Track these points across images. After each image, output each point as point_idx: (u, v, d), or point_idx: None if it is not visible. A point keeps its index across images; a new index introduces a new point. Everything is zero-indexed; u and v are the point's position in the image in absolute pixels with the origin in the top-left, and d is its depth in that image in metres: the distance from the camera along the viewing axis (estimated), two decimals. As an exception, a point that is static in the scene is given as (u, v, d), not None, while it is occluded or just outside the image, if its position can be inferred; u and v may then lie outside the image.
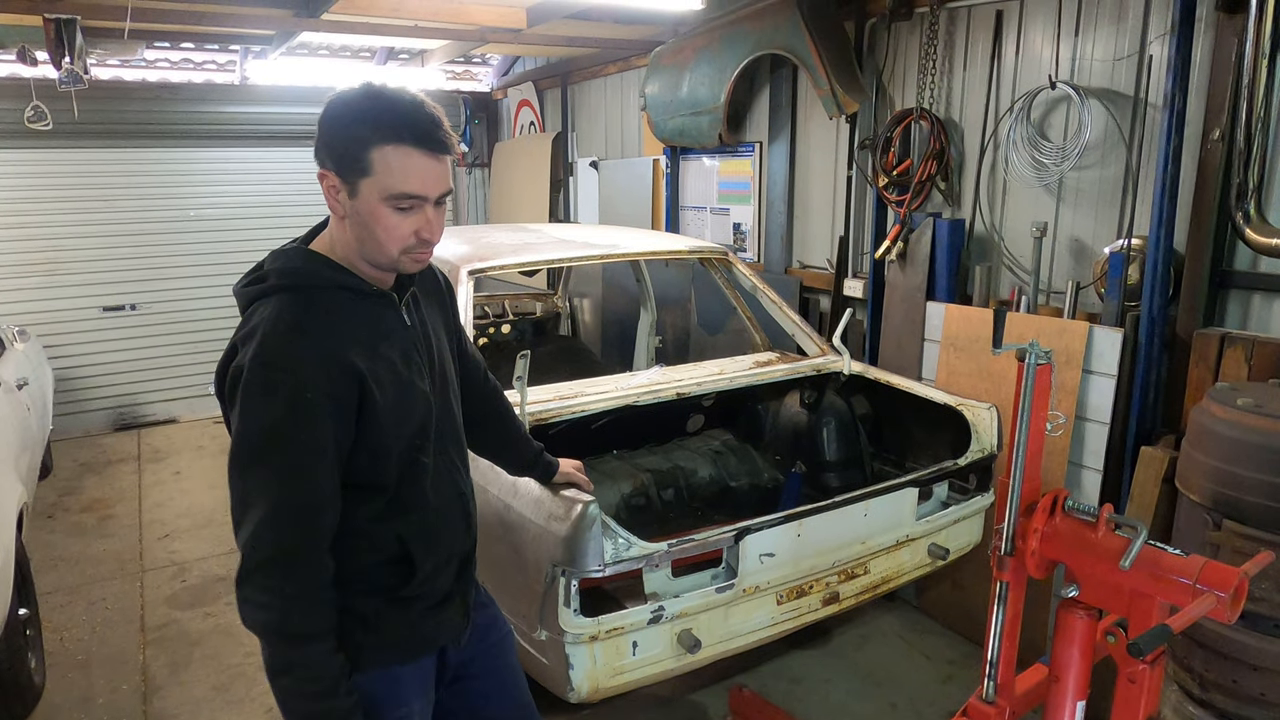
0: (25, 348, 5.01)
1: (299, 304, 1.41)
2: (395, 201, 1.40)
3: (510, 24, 5.01)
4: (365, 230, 1.43)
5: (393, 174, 1.38)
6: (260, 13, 4.78)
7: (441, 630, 1.66)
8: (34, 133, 5.59)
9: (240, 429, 1.37)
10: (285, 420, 1.34)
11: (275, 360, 1.36)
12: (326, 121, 1.41)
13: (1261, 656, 2.21)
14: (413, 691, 1.63)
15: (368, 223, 1.41)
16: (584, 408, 2.98)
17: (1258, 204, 2.62)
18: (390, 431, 1.46)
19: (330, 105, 1.41)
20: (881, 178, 3.82)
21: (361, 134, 1.37)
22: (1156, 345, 2.93)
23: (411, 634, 1.60)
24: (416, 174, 1.39)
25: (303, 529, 1.37)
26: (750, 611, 2.52)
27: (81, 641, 3.61)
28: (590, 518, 2.18)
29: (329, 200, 1.44)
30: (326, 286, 1.45)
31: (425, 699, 1.68)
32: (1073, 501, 1.83)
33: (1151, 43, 2.95)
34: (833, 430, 3.49)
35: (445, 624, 1.66)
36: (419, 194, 1.41)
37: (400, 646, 1.59)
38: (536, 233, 4.01)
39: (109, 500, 5.20)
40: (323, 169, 1.42)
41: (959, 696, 3.08)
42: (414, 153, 1.38)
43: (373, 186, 1.39)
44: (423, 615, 1.60)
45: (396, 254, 1.44)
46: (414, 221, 1.43)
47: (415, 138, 1.38)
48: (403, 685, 1.62)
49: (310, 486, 1.37)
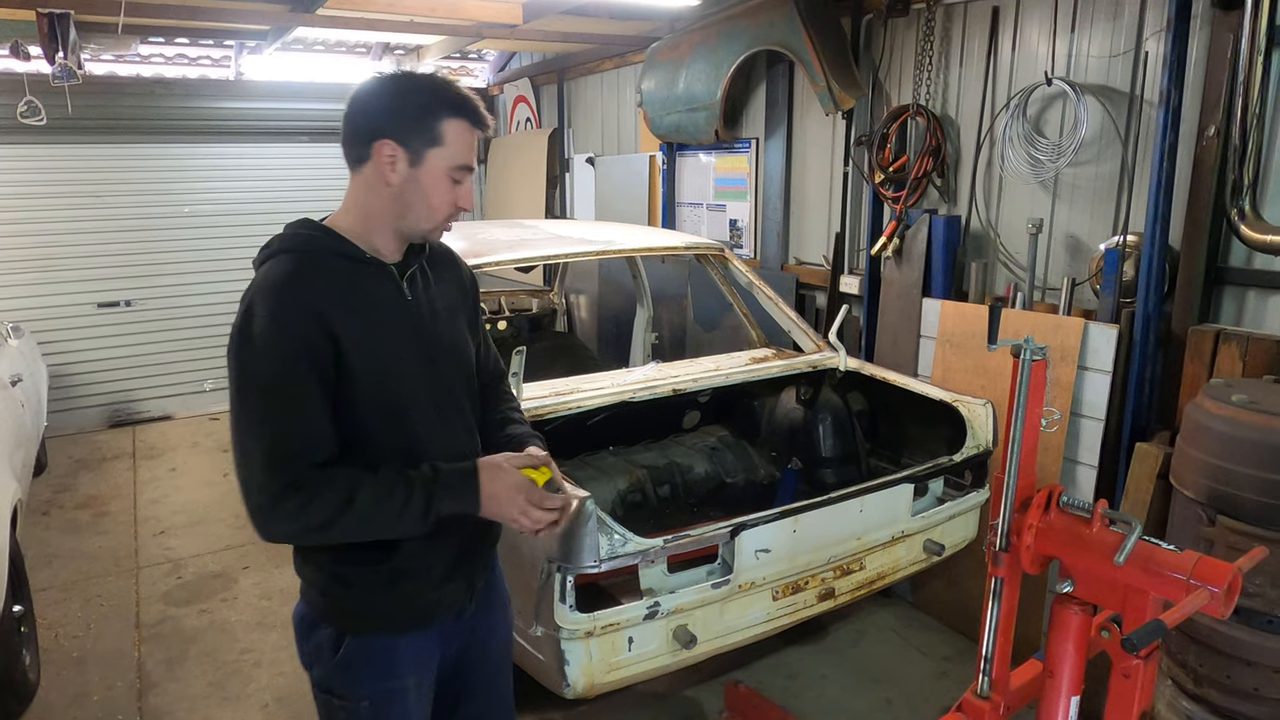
0: (19, 344, 4.99)
1: (292, 264, 1.50)
2: (455, 173, 1.52)
3: (506, 20, 5.00)
4: (418, 198, 1.52)
5: (460, 146, 1.51)
6: (255, 7, 4.76)
7: (440, 607, 1.67)
8: (27, 128, 5.56)
9: (235, 371, 1.44)
10: (271, 360, 1.42)
11: (259, 308, 1.43)
12: (390, 95, 1.51)
13: (1255, 652, 2.22)
14: (409, 665, 1.65)
15: (426, 191, 1.51)
16: (580, 404, 2.97)
17: (1253, 200, 2.62)
18: (367, 392, 1.50)
19: (392, 81, 1.52)
20: (878, 174, 3.82)
21: (434, 107, 1.49)
22: (1151, 341, 2.94)
23: (406, 606, 1.62)
24: (472, 148, 1.54)
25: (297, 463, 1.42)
26: (746, 607, 2.52)
27: (76, 638, 3.60)
28: (586, 514, 2.18)
29: (382, 170, 1.51)
30: (322, 252, 1.53)
31: (426, 670, 1.69)
32: (1068, 497, 1.83)
33: (1147, 39, 2.95)
34: (828, 426, 3.50)
35: (445, 601, 1.67)
36: (472, 166, 1.55)
37: (393, 618, 1.62)
38: (533, 229, 4.00)
39: (104, 497, 5.18)
40: (381, 140, 1.49)
41: (954, 692, 3.09)
42: (472, 129, 1.52)
43: (440, 156, 1.50)
44: (419, 589, 1.62)
45: (440, 221, 1.56)
46: (460, 192, 1.55)
47: (475, 115, 1.52)
48: (398, 656, 1.63)
49: (298, 423, 1.43)
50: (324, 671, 1.63)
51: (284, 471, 1.40)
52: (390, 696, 1.64)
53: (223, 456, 5.90)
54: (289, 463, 1.41)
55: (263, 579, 4.10)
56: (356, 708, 1.62)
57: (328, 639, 1.61)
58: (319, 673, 1.65)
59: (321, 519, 1.43)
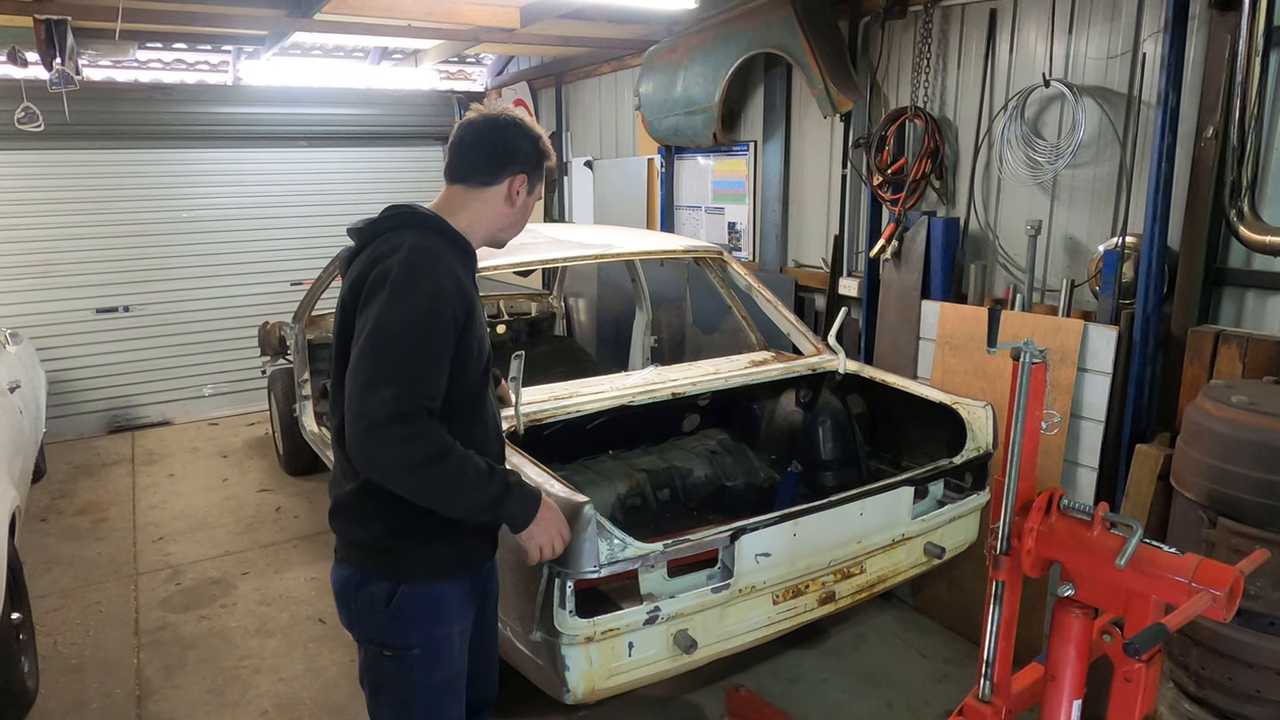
0: (18, 350, 4.98)
1: (434, 239, 1.74)
2: (537, 196, 1.91)
3: (504, 23, 5.00)
4: (521, 218, 1.91)
5: (545, 177, 1.93)
6: (253, 13, 4.76)
7: (478, 555, 1.90)
8: (25, 134, 5.55)
9: (384, 313, 1.62)
10: (425, 313, 1.63)
11: (422, 266, 1.66)
12: (528, 139, 1.85)
13: (1257, 654, 2.21)
14: (455, 611, 1.85)
15: (526, 212, 1.91)
16: (579, 408, 2.97)
17: (1251, 201, 2.62)
18: (472, 351, 1.75)
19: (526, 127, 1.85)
20: (876, 176, 3.81)
21: (546, 154, 1.89)
22: (1151, 343, 2.93)
23: (454, 554, 1.83)
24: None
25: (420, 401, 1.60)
26: (746, 611, 2.52)
27: (75, 645, 3.59)
28: (586, 518, 2.17)
29: (510, 195, 1.85)
30: (445, 235, 1.79)
31: (466, 619, 1.89)
32: (1068, 500, 1.83)
33: (1145, 40, 2.95)
34: (828, 429, 3.49)
35: (481, 550, 1.91)
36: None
37: (444, 565, 1.82)
38: (531, 232, 4.00)
39: (103, 503, 5.17)
40: (519, 173, 1.84)
41: (955, 695, 3.09)
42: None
43: (539, 187, 1.92)
44: (468, 537, 1.83)
45: (509, 233, 1.92)
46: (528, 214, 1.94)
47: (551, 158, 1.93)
48: (445, 604, 1.83)
49: (432, 371, 1.63)
50: (375, 624, 1.81)
51: (409, 402, 1.57)
52: (438, 643, 1.82)
53: (222, 462, 5.90)
54: (416, 399, 1.58)
55: (262, 585, 4.09)
56: (407, 655, 1.80)
57: (380, 593, 1.78)
58: (370, 627, 1.82)
59: (420, 457, 1.59)
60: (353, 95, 7.07)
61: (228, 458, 5.98)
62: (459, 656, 1.88)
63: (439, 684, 1.85)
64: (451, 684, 1.88)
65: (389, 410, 1.55)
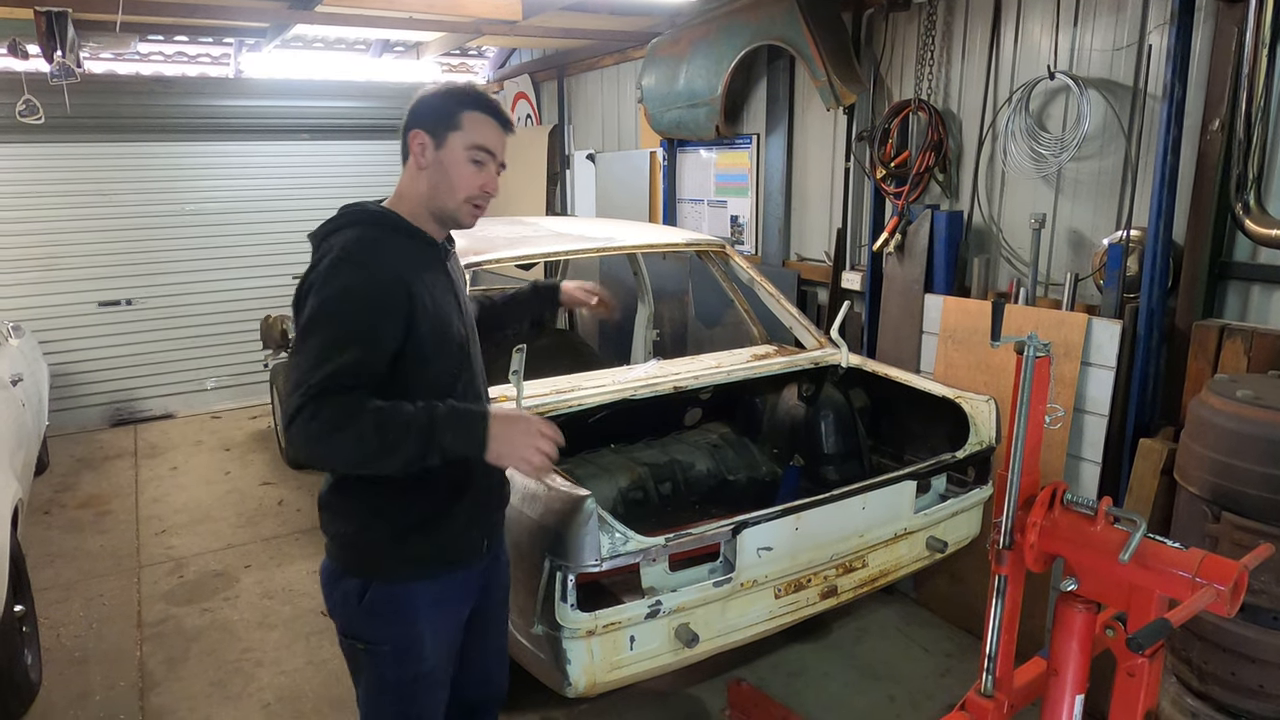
0: (20, 343, 4.99)
1: (369, 234, 1.72)
2: (473, 153, 1.75)
3: (506, 16, 4.98)
4: (442, 178, 1.75)
5: (476, 130, 1.75)
6: (254, 5, 4.74)
7: (461, 553, 1.86)
8: (26, 127, 5.55)
9: (310, 304, 1.62)
10: (346, 298, 1.61)
11: (349, 257, 1.64)
12: (424, 98, 1.78)
13: (1260, 649, 2.21)
14: (427, 611, 1.81)
15: (448, 170, 1.75)
16: (581, 401, 2.96)
17: (1257, 195, 2.60)
18: (431, 341, 1.71)
19: (427, 89, 1.80)
20: (879, 169, 3.80)
21: (456, 101, 1.76)
22: (1155, 337, 2.92)
23: (435, 550, 1.81)
24: (492, 136, 1.78)
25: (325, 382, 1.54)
26: (748, 605, 2.51)
27: (78, 638, 3.60)
28: (587, 512, 2.17)
29: (415, 156, 1.76)
30: (387, 226, 1.76)
31: (448, 617, 1.87)
32: (1071, 495, 1.82)
33: (1151, 33, 2.93)
34: (831, 423, 3.49)
35: (465, 548, 1.86)
36: (491, 149, 1.77)
37: (423, 562, 1.80)
38: (533, 226, 3.99)
39: (105, 496, 5.18)
40: (414, 130, 1.76)
41: (957, 689, 3.08)
42: (492, 121, 1.78)
43: (459, 138, 1.74)
44: (443, 535, 1.81)
45: (462, 200, 1.76)
46: (482, 176, 1.77)
47: (494, 111, 1.79)
48: (417, 602, 1.80)
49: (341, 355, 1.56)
50: (349, 619, 1.82)
51: (315, 388, 1.53)
52: (410, 641, 1.81)
53: (225, 455, 5.90)
54: (323, 382, 1.54)
55: (264, 578, 4.09)
56: (379, 650, 1.81)
57: (354, 589, 1.78)
58: (344, 620, 1.83)
59: (324, 429, 1.53)
60: (354, 88, 7.06)
61: (230, 451, 5.99)
62: (434, 653, 1.85)
63: (409, 680, 1.84)
64: (423, 680, 1.86)
65: (296, 404, 1.54)
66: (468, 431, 1.61)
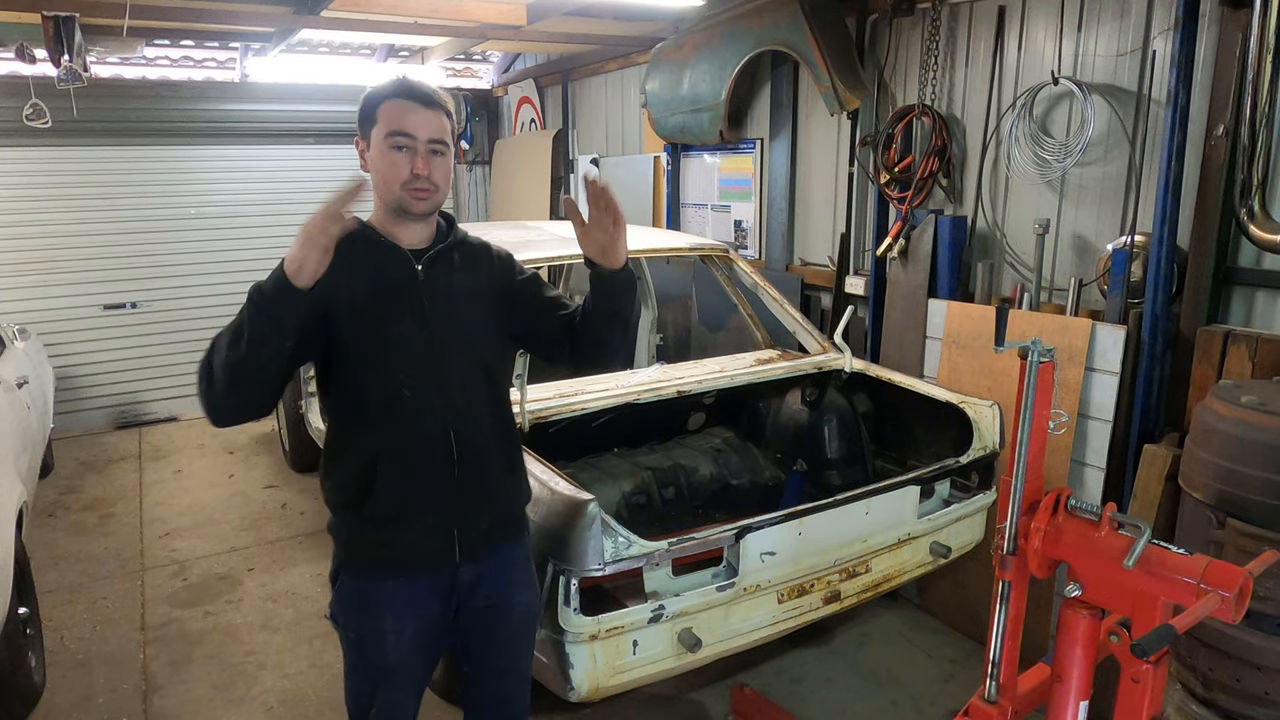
0: (26, 346, 5.00)
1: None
2: (392, 140, 1.72)
3: (510, 21, 5.00)
4: (378, 175, 1.75)
5: (390, 118, 1.73)
6: (260, 9, 4.77)
7: (417, 557, 1.84)
8: (33, 131, 5.58)
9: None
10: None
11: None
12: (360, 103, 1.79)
13: (1265, 655, 2.20)
14: (387, 610, 1.84)
15: (378, 165, 1.74)
16: (584, 406, 2.97)
17: (1262, 200, 2.60)
18: (357, 347, 1.75)
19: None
20: (883, 174, 3.80)
21: (373, 98, 1.77)
22: (1159, 342, 2.92)
23: (382, 553, 1.82)
24: (408, 118, 1.73)
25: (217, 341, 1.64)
26: (751, 610, 2.51)
27: (82, 640, 3.61)
28: (590, 516, 2.17)
29: (361, 164, 1.78)
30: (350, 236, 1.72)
31: (407, 619, 1.85)
32: (1075, 500, 1.82)
33: (1155, 38, 2.93)
34: (834, 428, 3.48)
35: (422, 553, 1.83)
36: (408, 132, 1.72)
37: (370, 562, 1.84)
38: (537, 230, 4.00)
39: (109, 499, 5.19)
40: (356, 139, 1.80)
41: (960, 695, 3.07)
42: (406, 103, 1.73)
43: (378, 132, 1.74)
44: (396, 536, 1.81)
45: (399, 190, 1.73)
46: (408, 160, 1.73)
47: (406, 93, 1.75)
48: (376, 600, 1.84)
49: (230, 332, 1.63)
50: (331, 602, 1.92)
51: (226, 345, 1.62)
52: (370, 636, 1.86)
53: (228, 458, 5.91)
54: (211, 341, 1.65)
55: (268, 581, 4.10)
56: (349, 638, 1.90)
57: (333, 576, 1.90)
58: (330, 602, 1.93)
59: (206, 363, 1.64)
60: (359, 93, 7.03)
61: (234, 454, 6.00)
62: (396, 651, 1.86)
63: (372, 669, 1.89)
64: (385, 676, 1.89)
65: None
66: (270, 283, 1.58)
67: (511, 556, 1.98)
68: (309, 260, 1.54)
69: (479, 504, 1.87)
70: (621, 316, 1.83)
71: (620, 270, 1.78)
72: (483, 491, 1.87)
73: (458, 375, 1.82)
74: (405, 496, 1.79)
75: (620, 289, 1.80)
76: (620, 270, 1.78)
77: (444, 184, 1.78)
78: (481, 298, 1.89)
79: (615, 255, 1.76)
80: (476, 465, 1.85)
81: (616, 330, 1.85)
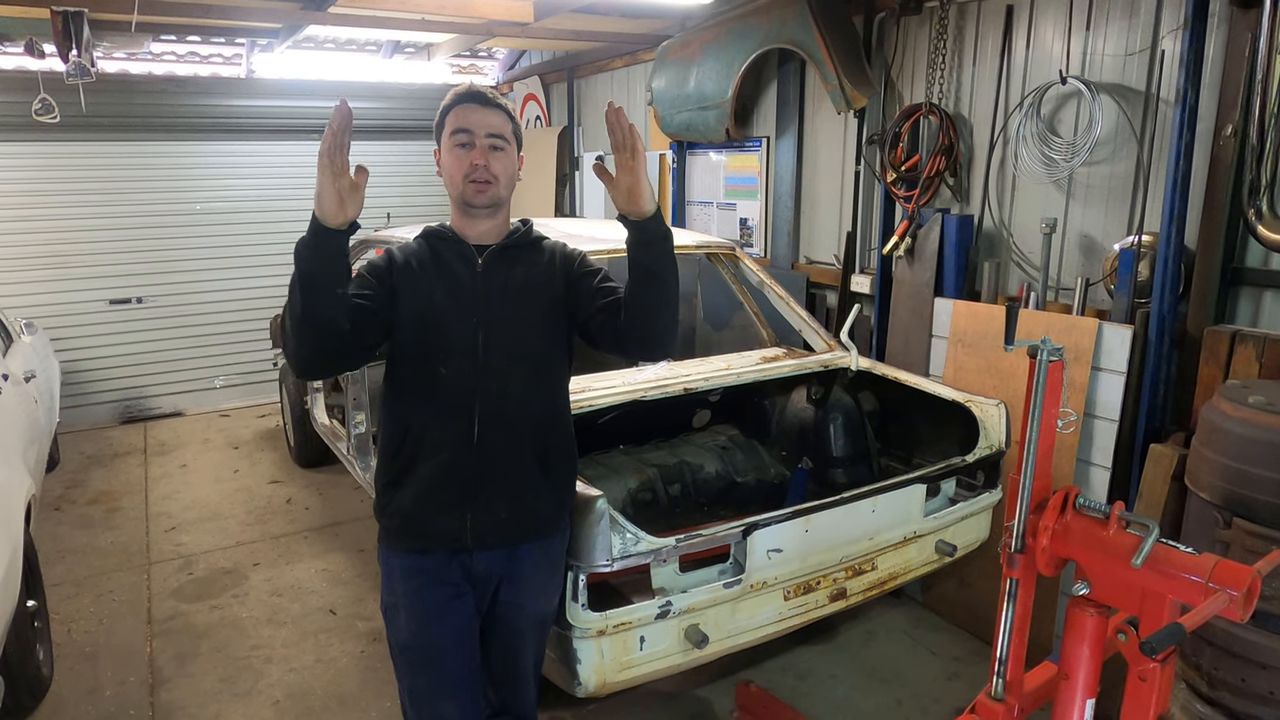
0: (32, 340, 5.02)
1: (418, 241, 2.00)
2: (455, 138, 1.88)
3: (517, 18, 5.00)
4: (447, 174, 1.91)
5: (454, 120, 1.89)
6: (267, 5, 4.77)
7: (431, 537, 1.93)
8: (41, 126, 5.58)
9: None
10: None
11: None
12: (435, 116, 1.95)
13: (1271, 655, 2.20)
14: (400, 584, 1.95)
15: (446, 164, 1.91)
16: (590, 403, 2.97)
17: (1270, 200, 2.60)
18: (409, 323, 1.89)
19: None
20: (890, 173, 3.80)
21: (444, 108, 1.93)
22: (1167, 342, 2.92)
23: (405, 524, 1.94)
24: (466, 117, 1.88)
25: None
26: (757, 607, 2.52)
27: (89, 633, 3.62)
28: (599, 512, 2.18)
29: (438, 171, 1.96)
30: (424, 235, 2.00)
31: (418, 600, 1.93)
32: (1083, 499, 1.83)
33: (1164, 38, 2.93)
34: (840, 426, 3.49)
35: (442, 530, 1.92)
36: (467, 128, 1.87)
37: (394, 533, 1.96)
38: (544, 228, 3.99)
39: (116, 493, 5.21)
40: (435, 151, 1.96)
41: (964, 693, 3.08)
42: (467, 105, 1.89)
43: (446, 134, 1.90)
44: (419, 509, 1.91)
45: (462, 183, 1.88)
46: (469, 155, 1.87)
47: (468, 97, 1.91)
48: (394, 573, 1.97)
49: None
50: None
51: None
52: (389, 609, 2.00)
53: (234, 453, 5.93)
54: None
55: (273, 575, 4.11)
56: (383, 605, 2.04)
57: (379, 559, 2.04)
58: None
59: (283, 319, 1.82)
60: (365, 89, 7.09)
61: (239, 449, 6.02)
62: (409, 627, 1.94)
63: (398, 645, 1.99)
64: (405, 651, 1.98)
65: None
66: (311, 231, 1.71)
67: (531, 557, 1.99)
68: (324, 190, 1.63)
69: (497, 493, 1.92)
70: (660, 280, 1.76)
71: (650, 220, 1.73)
72: (503, 481, 1.92)
73: (498, 365, 1.91)
74: (427, 473, 1.90)
75: (653, 240, 1.74)
76: (650, 220, 1.73)
77: (503, 176, 1.90)
78: (538, 294, 1.96)
79: (640, 193, 1.71)
80: (500, 455, 1.91)
81: (656, 297, 1.78)
